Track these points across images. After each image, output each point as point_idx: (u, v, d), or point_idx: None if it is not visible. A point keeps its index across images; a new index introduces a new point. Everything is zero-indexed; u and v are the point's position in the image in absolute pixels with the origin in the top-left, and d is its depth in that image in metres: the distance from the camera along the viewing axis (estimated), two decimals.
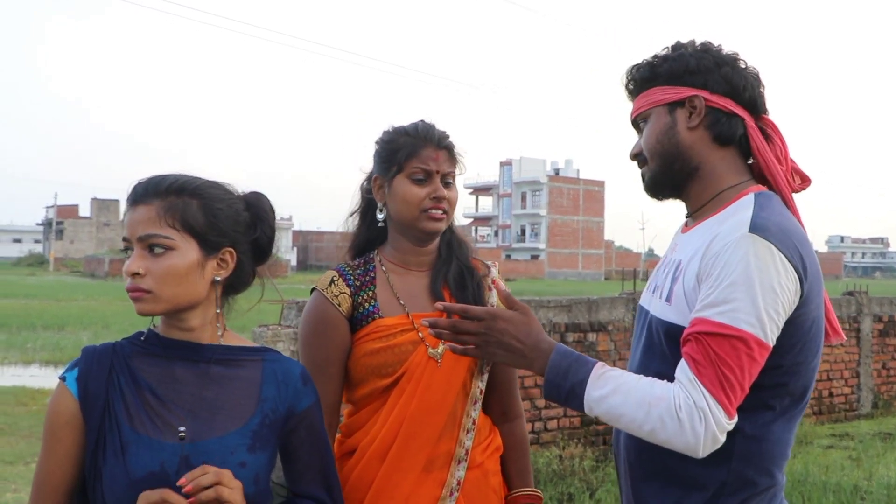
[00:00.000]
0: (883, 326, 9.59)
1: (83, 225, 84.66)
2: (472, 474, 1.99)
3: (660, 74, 1.82)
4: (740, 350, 1.59)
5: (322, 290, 2.03)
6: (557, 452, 6.23)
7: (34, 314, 19.53)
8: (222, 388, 1.59)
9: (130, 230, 1.56)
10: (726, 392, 1.58)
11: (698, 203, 1.84)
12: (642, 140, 1.87)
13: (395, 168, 2.03)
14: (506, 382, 2.13)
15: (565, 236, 79.72)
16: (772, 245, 1.62)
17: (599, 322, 6.88)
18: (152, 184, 1.58)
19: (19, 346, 14.20)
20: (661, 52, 1.87)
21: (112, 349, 1.58)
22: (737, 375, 1.59)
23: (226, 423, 1.56)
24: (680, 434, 1.58)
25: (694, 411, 1.57)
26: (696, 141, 1.80)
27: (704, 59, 1.80)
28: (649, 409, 1.60)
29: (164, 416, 1.53)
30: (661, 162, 1.83)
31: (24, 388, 10.28)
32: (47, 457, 1.54)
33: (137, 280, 1.53)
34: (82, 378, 1.54)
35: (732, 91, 1.80)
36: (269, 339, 5.26)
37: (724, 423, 1.59)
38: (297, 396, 1.65)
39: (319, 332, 2.00)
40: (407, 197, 2.01)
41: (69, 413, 1.53)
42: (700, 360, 1.60)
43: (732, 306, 1.59)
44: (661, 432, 1.59)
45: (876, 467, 6.71)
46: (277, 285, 7.56)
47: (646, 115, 1.85)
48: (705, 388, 1.58)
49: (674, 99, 1.81)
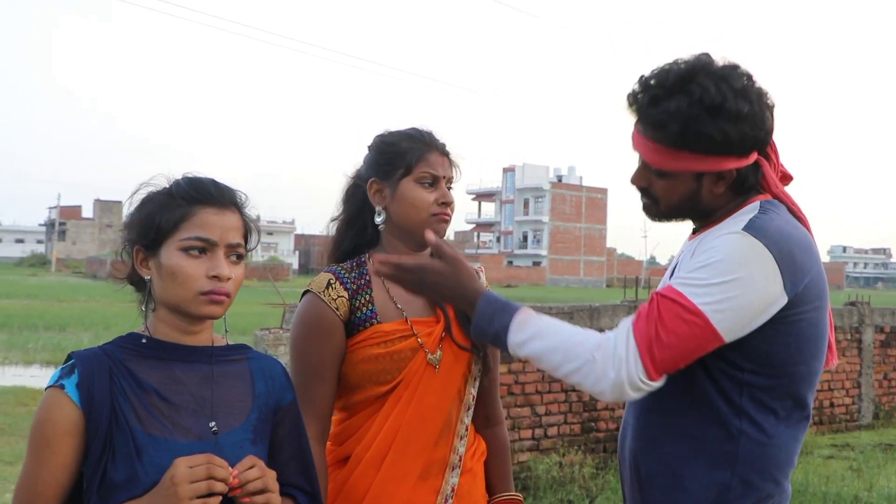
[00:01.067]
0: (885, 337, 9.57)
1: (85, 226, 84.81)
2: (464, 479, 2.00)
3: (694, 145, 1.69)
4: (688, 322, 1.59)
5: (318, 292, 1.98)
6: (557, 459, 6.22)
7: (36, 314, 19.54)
8: (221, 386, 1.62)
9: (221, 234, 1.57)
10: (652, 351, 1.60)
11: (706, 223, 1.83)
12: (657, 187, 1.79)
13: (402, 171, 2.00)
14: (490, 389, 2.14)
15: (567, 243, 79.72)
16: (761, 244, 1.62)
17: (601, 329, 6.86)
18: (228, 192, 1.63)
19: (21, 347, 14.21)
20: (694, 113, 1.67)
21: (103, 354, 1.56)
22: (672, 342, 1.59)
23: (229, 420, 1.59)
24: (590, 374, 1.62)
25: (610, 356, 1.60)
26: (717, 197, 1.78)
27: (744, 127, 1.68)
28: (567, 351, 1.64)
29: (173, 416, 1.53)
30: (675, 214, 1.83)
31: (25, 389, 10.28)
32: (39, 467, 1.49)
33: (224, 284, 1.56)
34: (84, 384, 1.50)
35: (759, 146, 1.75)
36: (270, 342, 5.27)
37: (637, 379, 1.60)
38: (282, 391, 1.70)
39: (315, 336, 1.96)
40: (416, 201, 1.99)
41: (68, 421, 1.49)
42: (642, 315, 1.63)
43: (697, 284, 1.61)
44: (575, 373, 1.64)
45: (876, 478, 6.69)
46: (279, 289, 7.54)
47: (666, 172, 1.76)
48: (634, 339, 1.61)
49: (707, 170, 1.72)
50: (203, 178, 1.63)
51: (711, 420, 1.70)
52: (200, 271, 1.55)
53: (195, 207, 1.57)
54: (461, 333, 2.02)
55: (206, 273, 1.55)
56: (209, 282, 1.55)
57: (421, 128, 2.09)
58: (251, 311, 17.55)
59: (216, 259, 1.56)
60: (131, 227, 1.62)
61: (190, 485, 1.42)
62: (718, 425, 1.70)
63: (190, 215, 1.57)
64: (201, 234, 1.56)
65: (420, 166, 2.00)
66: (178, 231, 1.56)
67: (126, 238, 1.63)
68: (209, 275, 1.55)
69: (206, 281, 1.55)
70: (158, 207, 1.58)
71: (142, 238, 1.59)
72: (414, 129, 2.08)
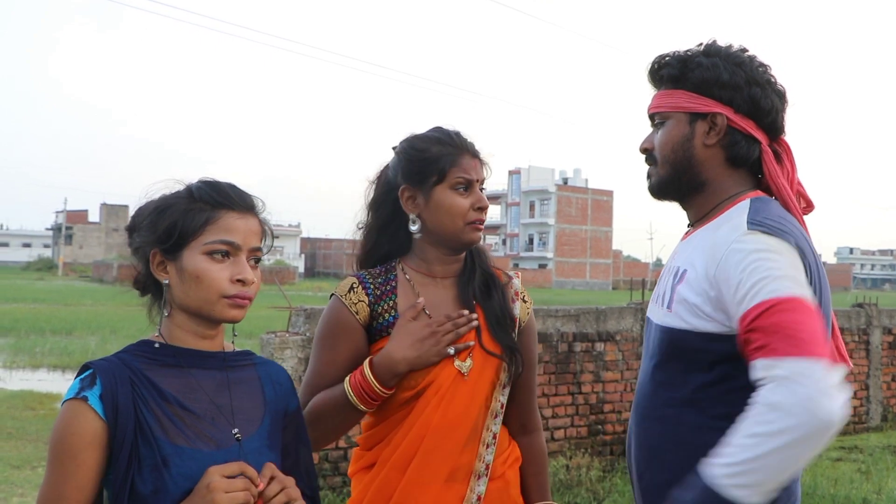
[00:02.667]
0: (892, 339, 9.52)
1: (92, 230, 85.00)
2: (494, 485, 1.98)
3: (688, 79, 1.79)
4: (792, 310, 1.51)
5: (340, 295, 1.99)
6: (564, 462, 6.21)
7: (42, 319, 19.57)
8: (235, 392, 1.62)
9: (244, 238, 1.58)
10: (806, 345, 1.47)
11: (700, 214, 1.84)
12: (656, 140, 1.85)
13: (436, 178, 1.97)
14: (526, 396, 2.11)
15: (573, 246, 79.62)
16: (771, 235, 1.63)
17: (608, 332, 6.86)
18: (248, 196, 1.64)
19: (28, 351, 14.23)
20: (695, 51, 1.82)
21: (121, 363, 1.55)
22: (807, 332, 1.49)
23: (247, 426, 1.59)
24: (799, 418, 1.42)
25: (788, 386, 1.45)
26: (709, 157, 1.79)
27: (737, 74, 1.76)
28: (756, 433, 1.46)
29: (196, 425, 1.53)
30: (671, 170, 1.83)
31: (32, 393, 10.30)
32: (63, 480, 1.47)
33: (248, 288, 1.57)
34: (108, 396, 1.49)
35: (756, 113, 1.77)
36: (276, 345, 5.26)
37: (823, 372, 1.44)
38: (289, 397, 1.71)
39: (331, 336, 1.98)
40: (453, 208, 1.96)
41: (92, 433, 1.47)
42: (763, 343, 1.51)
43: (760, 286, 1.56)
44: (785, 436, 1.43)
45: (885, 481, 6.66)
46: (285, 292, 7.49)
47: (665, 115, 1.83)
48: (781, 357, 1.47)
49: (697, 110, 1.78)
50: (223, 182, 1.64)
51: (711, 427, 1.68)
52: (225, 275, 1.55)
53: (219, 211, 1.58)
54: (491, 339, 2.01)
55: (230, 277, 1.55)
56: (233, 286, 1.55)
57: (447, 128, 2.05)
58: (257, 314, 17.54)
59: (240, 263, 1.57)
60: (144, 230, 1.60)
61: (227, 494, 1.43)
62: (719, 431, 1.65)
63: (214, 219, 1.57)
64: (227, 237, 1.56)
65: (453, 172, 1.96)
66: (202, 234, 1.56)
67: (139, 242, 1.61)
68: (234, 279, 1.55)
69: (230, 285, 1.55)
70: (180, 211, 1.58)
71: (161, 242, 1.58)
72: (441, 130, 2.04)
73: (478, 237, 2.00)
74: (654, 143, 1.85)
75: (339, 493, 5.41)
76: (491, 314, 2.02)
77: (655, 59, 1.86)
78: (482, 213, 1.99)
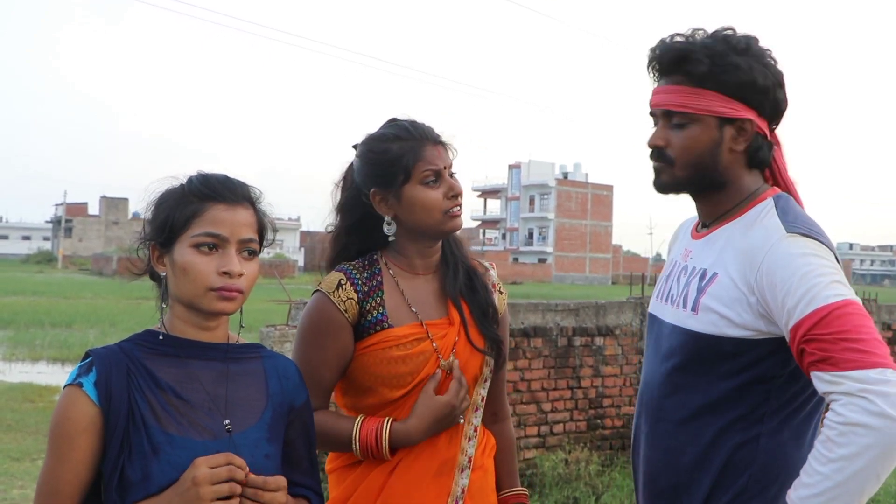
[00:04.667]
0: (892, 334, 9.51)
1: (92, 223, 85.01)
2: (476, 475, 1.99)
3: (721, 80, 1.68)
4: (848, 315, 1.49)
5: (328, 293, 1.94)
6: (563, 456, 6.21)
7: (42, 311, 19.60)
8: (236, 384, 1.62)
9: (231, 230, 1.58)
10: (867, 353, 1.44)
11: (717, 212, 1.79)
12: (676, 140, 1.74)
13: (402, 177, 1.91)
14: (499, 386, 2.13)
15: (573, 240, 79.67)
16: (811, 238, 1.60)
17: (607, 326, 6.86)
18: (241, 187, 1.64)
19: (27, 343, 14.26)
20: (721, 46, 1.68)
21: (121, 351, 1.57)
22: (864, 337, 1.46)
23: (246, 419, 1.60)
24: (880, 432, 1.40)
25: (861, 401, 1.42)
26: (733, 162, 1.74)
27: (768, 78, 1.69)
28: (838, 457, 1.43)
29: (189, 415, 1.54)
30: (692, 173, 1.75)
31: (32, 385, 10.33)
32: (59, 464, 1.51)
33: (236, 280, 1.56)
34: (102, 383, 1.52)
35: (776, 116, 1.74)
36: (276, 339, 5.27)
37: (893, 378, 1.42)
38: (296, 391, 1.71)
39: (319, 336, 1.93)
40: (427, 204, 1.91)
41: (87, 419, 1.50)
42: (826, 355, 1.47)
43: (813, 292, 1.52)
44: (867, 454, 1.41)
45: None
46: (285, 285, 7.53)
47: (690, 117, 1.71)
48: (853, 370, 1.44)
49: (729, 115, 1.69)
50: (215, 175, 1.64)
51: (732, 430, 1.67)
52: (211, 267, 1.56)
53: (207, 204, 1.59)
54: (477, 333, 2.00)
55: (216, 269, 1.56)
56: (220, 278, 1.55)
57: (402, 120, 1.99)
58: (257, 307, 17.55)
59: (227, 255, 1.57)
60: (147, 224, 1.64)
61: (212, 486, 1.43)
62: (739, 432, 1.67)
63: (201, 212, 1.58)
64: (212, 229, 1.57)
65: (419, 166, 1.91)
66: (189, 227, 1.57)
67: (142, 235, 1.64)
68: (220, 271, 1.55)
69: (216, 277, 1.55)
70: (172, 204, 1.60)
71: (157, 235, 1.60)
72: (396, 124, 1.98)
73: (458, 224, 1.97)
74: (672, 142, 1.74)
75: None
76: (476, 308, 2.02)
77: (666, 49, 1.73)
78: (457, 199, 1.95)
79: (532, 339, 6.28)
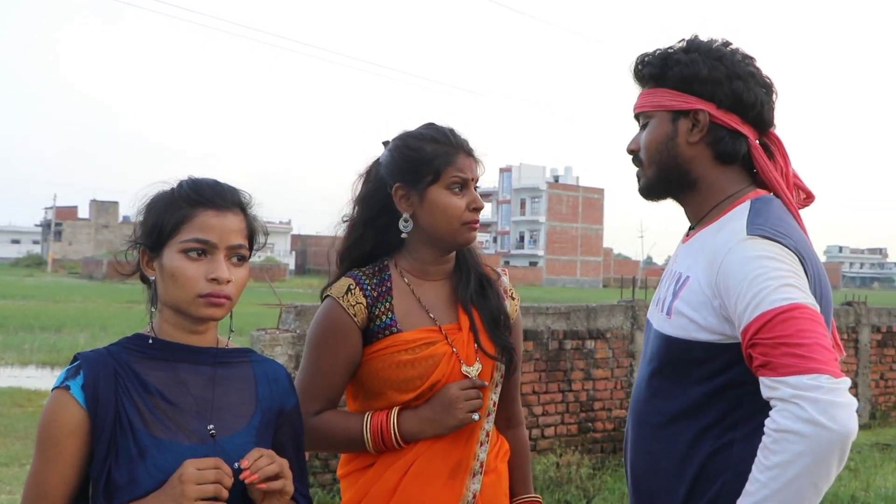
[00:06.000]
0: (881, 337, 9.58)
1: (82, 226, 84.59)
2: (488, 479, 1.99)
3: (669, 76, 1.76)
4: (794, 318, 1.48)
5: (338, 297, 1.94)
6: (554, 459, 6.22)
7: (32, 315, 19.50)
8: (225, 389, 1.62)
9: (220, 236, 1.57)
10: (809, 359, 1.44)
11: (699, 214, 1.81)
12: (641, 141, 1.82)
13: (430, 177, 1.92)
14: (513, 391, 2.12)
15: (564, 243, 79.72)
16: (770, 239, 1.59)
17: (598, 329, 6.87)
18: (231, 192, 1.63)
19: (16, 347, 14.17)
20: (676, 48, 1.79)
21: (109, 354, 1.57)
22: (808, 342, 1.46)
23: (233, 423, 1.60)
24: (811, 439, 1.40)
25: (794, 408, 1.43)
26: (696, 156, 1.76)
27: (717, 69, 1.73)
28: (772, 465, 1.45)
29: (177, 419, 1.54)
30: (658, 170, 1.80)
31: (21, 390, 10.26)
32: (46, 467, 1.51)
33: (224, 287, 1.56)
34: (89, 386, 1.52)
35: (740, 108, 1.74)
36: (267, 342, 5.25)
37: (829, 385, 1.42)
38: (286, 396, 1.71)
39: (330, 340, 1.93)
40: (448, 209, 1.92)
41: (74, 422, 1.51)
42: (766, 360, 1.48)
43: (761, 296, 1.52)
44: (800, 462, 1.42)
45: (873, 478, 6.70)
46: (276, 289, 7.51)
47: (648, 115, 1.80)
48: (789, 375, 1.44)
49: (678, 107, 1.75)
50: (205, 180, 1.64)
51: (706, 437, 1.67)
52: (199, 273, 1.55)
53: (196, 209, 1.58)
54: (488, 340, 2.00)
55: (205, 275, 1.55)
56: (208, 284, 1.55)
57: (441, 126, 2.00)
58: (247, 311, 17.53)
59: (216, 261, 1.56)
60: (138, 227, 1.63)
61: (197, 486, 1.43)
62: (713, 438, 1.67)
63: (190, 217, 1.57)
64: (200, 235, 1.56)
65: (449, 171, 1.92)
66: (178, 233, 1.57)
67: (132, 238, 1.64)
68: (208, 277, 1.55)
69: (205, 283, 1.55)
70: (162, 209, 1.60)
71: (146, 239, 1.60)
72: (435, 128, 1.99)
73: (473, 237, 1.98)
74: (640, 143, 1.83)
75: (329, 491, 5.40)
76: (487, 315, 2.02)
77: (638, 58, 1.84)
78: (477, 214, 1.97)
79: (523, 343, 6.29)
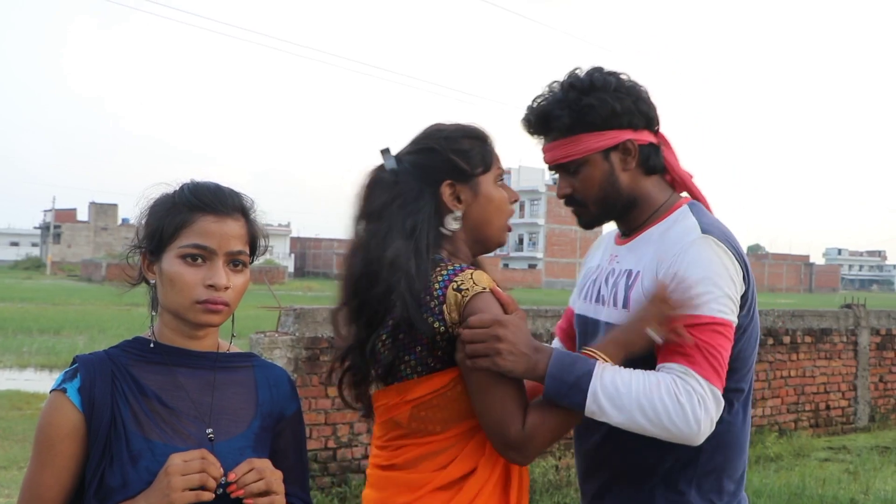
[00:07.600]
0: (880, 340, 9.57)
1: (81, 229, 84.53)
2: None
3: (587, 121, 1.85)
4: (720, 334, 1.69)
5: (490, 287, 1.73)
6: (554, 462, 6.21)
7: (30, 318, 19.47)
8: (223, 393, 1.62)
9: (219, 242, 1.56)
10: (719, 376, 1.68)
11: (636, 223, 1.95)
12: (579, 185, 1.91)
13: (482, 168, 1.82)
14: None
15: (563, 246, 79.76)
16: (722, 244, 1.76)
17: None
18: (232, 197, 1.62)
19: (15, 350, 14.15)
20: (569, 95, 1.86)
21: (107, 358, 1.57)
22: (722, 359, 1.69)
23: (231, 427, 1.59)
24: (683, 420, 1.62)
25: (693, 396, 1.63)
26: (632, 179, 1.91)
27: (623, 100, 1.86)
28: (652, 397, 1.62)
29: (174, 423, 1.54)
30: (603, 206, 1.92)
31: (20, 392, 10.24)
32: (42, 469, 1.51)
33: (222, 293, 1.55)
34: (86, 389, 1.52)
35: (649, 123, 1.90)
36: (265, 345, 5.24)
37: (716, 408, 1.65)
38: (287, 401, 1.70)
39: None
40: (500, 202, 1.85)
41: (70, 425, 1.51)
42: (688, 352, 1.67)
43: (706, 298, 1.70)
44: (665, 418, 1.61)
45: (873, 481, 6.70)
46: (275, 292, 7.50)
47: (578, 161, 1.88)
48: (700, 375, 1.65)
49: (608, 145, 1.86)
50: (206, 185, 1.62)
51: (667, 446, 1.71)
52: (197, 279, 1.55)
53: (195, 215, 1.57)
54: None
55: (203, 281, 1.55)
56: (206, 291, 1.54)
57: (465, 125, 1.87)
58: (247, 314, 17.50)
59: (214, 268, 1.56)
60: (140, 231, 1.63)
61: (183, 476, 1.43)
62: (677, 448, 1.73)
63: (189, 222, 1.57)
64: (199, 241, 1.55)
65: (495, 163, 1.86)
66: (177, 238, 1.56)
67: (134, 241, 1.64)
68: (206, 283, 1.55)
69: (202, 290, 1.54)
70: (162, 213, 1.59)
71: (147, 243, 1.60)
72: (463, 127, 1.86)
73: (507, 239, 1.94)
74: (576, 187, 1.91)
75: (329, 494, 5.40)
76: None
77: (532, 113, 1.91)
78: (513, 208, 1.89)
79: None
